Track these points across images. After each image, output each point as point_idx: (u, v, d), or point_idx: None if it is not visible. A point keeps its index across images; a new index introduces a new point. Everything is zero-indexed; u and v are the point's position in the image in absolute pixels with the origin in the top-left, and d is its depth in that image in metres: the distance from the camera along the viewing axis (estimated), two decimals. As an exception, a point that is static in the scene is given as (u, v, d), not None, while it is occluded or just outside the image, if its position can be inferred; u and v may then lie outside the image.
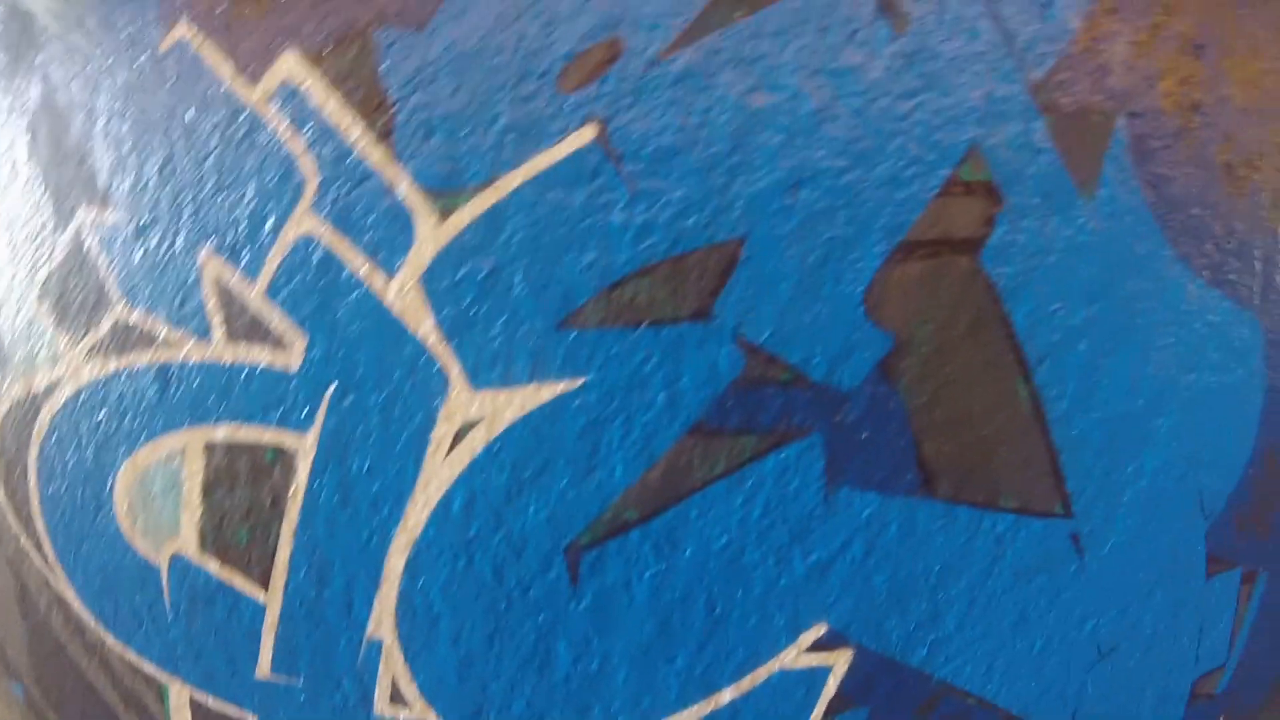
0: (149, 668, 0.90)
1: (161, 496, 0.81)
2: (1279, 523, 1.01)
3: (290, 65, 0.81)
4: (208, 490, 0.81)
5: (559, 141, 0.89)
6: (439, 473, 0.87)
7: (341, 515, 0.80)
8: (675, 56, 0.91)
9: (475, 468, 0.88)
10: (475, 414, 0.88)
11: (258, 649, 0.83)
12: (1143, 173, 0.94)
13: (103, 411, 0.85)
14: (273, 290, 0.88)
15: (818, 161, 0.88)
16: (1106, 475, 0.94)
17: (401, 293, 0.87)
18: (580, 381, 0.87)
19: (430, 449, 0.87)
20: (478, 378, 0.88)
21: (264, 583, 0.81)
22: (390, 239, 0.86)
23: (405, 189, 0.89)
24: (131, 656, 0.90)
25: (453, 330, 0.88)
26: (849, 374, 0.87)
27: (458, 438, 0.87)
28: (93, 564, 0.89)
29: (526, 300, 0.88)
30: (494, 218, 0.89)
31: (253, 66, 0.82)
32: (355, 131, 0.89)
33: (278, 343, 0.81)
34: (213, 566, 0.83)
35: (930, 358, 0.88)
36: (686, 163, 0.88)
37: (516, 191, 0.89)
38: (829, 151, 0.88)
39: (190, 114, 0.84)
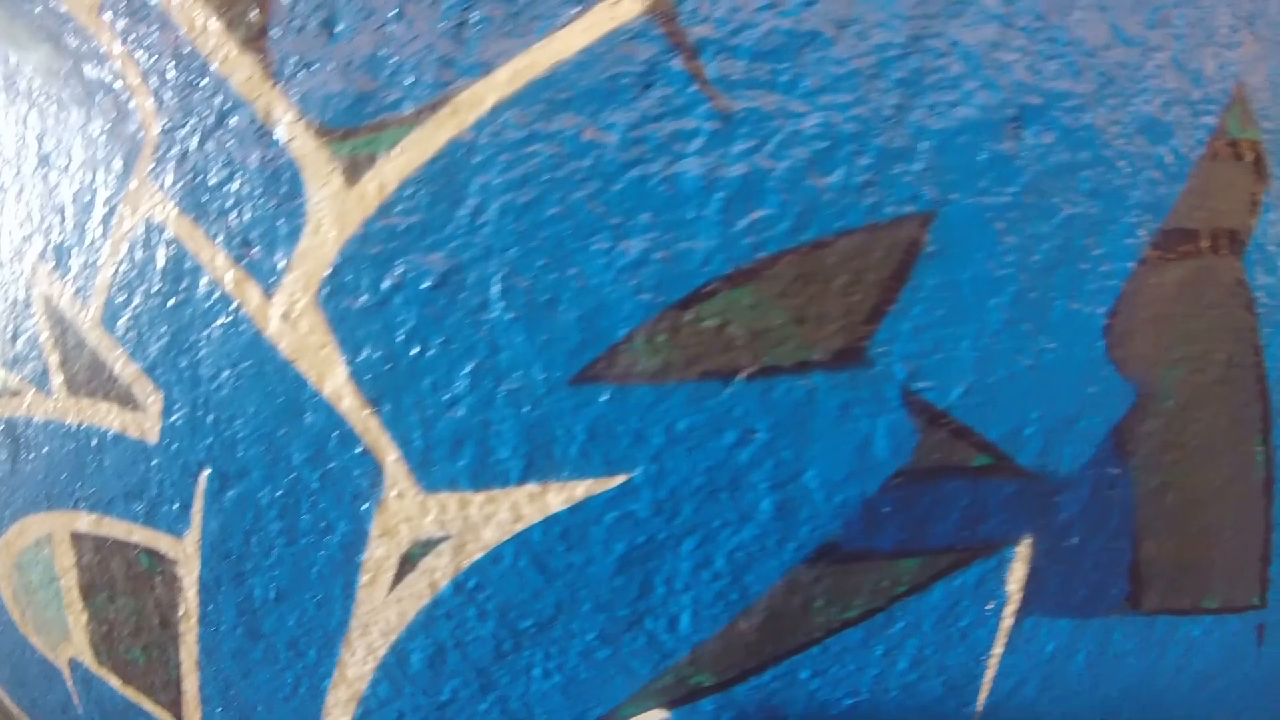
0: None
1: (42, 590, 0.72)
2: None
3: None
4: (87, 592, 0.69)
5: (578, 17, 0.52)
6: (382, 614, 0.60)
7: (252, 652, 0.64)
8: None
9: (439, 610, 0.60)
10: (431, 529, 0.58)
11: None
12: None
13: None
14: (109, 317, 0.62)
15: (1047, 81, 0.55)
16: (1306, 549, 0.73)
17: (290, 318, 0.57)
18: (621, 479, 0.53)
19: (365, 579, 0.59)
20: (430, 471, 0.56)
21: (176, 712, 0.69)
22: (267, 222, 0.56)
23: (289, 129, 0.56)
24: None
25: (383, 388, 0.55)
26: (1071, 453, 0.53)
27: (406, 561, 0.59)
28: (3, 651, 0.81)
29: (515, 331, 0.52)
30: (449, 173, 0.54)
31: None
32: (211, 34, 0.57)
33: (127, 399, 0.63)
34: (114, 682, 0.71)
35: (1175, 416, 0.57)
36: (824, 62, 0.52)
37: (491, 117, 0.54)
38: (1063, 67, 0.55)
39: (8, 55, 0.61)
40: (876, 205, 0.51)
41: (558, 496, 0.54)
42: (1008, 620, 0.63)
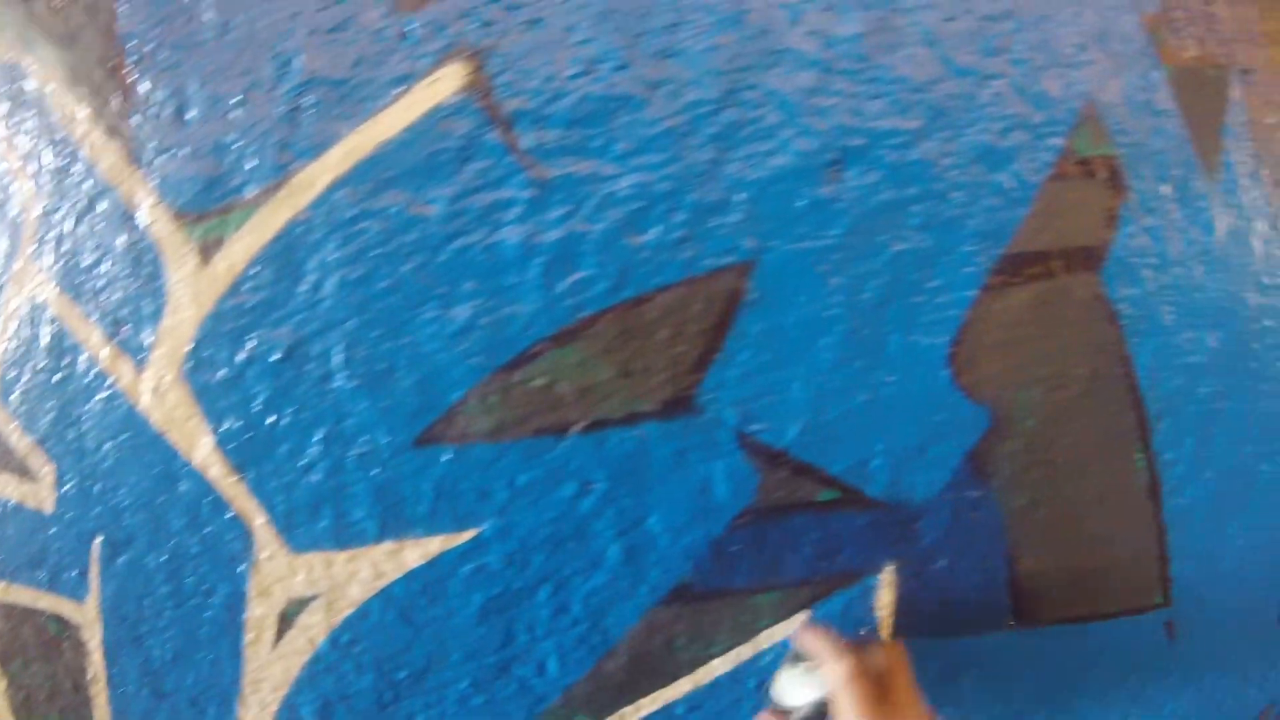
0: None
1: (-35, 658, 0.75)
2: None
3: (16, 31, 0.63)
4: (5, 659, 0.72)
5: (401, 95, 0.54)
6: (269, 670, 0.64)
7: (158, 713, 0.68)
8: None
9: (320, 666, 0.63)
10: (303, 588, 0.62)
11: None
12: (1260, 148, 0.72)
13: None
14: (4, 392, 0.68)
15: (870, 121, 0.54)
16: (1208, 545, 0.74)
17: (159, 392, 0.61)
18: (471, 534, 0.56)
19: (249, 638, 0.63)
20: (295, 533, 0.60)
21: (99, 778, 0.72)
22: (135, 301, 0.61)
23: (150, 212, 0.61)
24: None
25: (246, 456, 0.60)
26: (925, 481, 0.54)
27: (284, 619, 0.63)
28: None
29: (359, 398, 0.56)
30: (289, 252, 0.58)
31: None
32: (80, 121, 0.62)
33: (24, 471, 0.68)
34: (36, 749, 0.74)
35: (1036, 436, 0.58)
36: (636, 125, 0.54)
37: (325, 197, 0.57)
38: (888, 105, 0.52)
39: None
40: (694, 259, 0.53)
41: (414, 553, 0.57)
42: (884, 645, 0.64)
